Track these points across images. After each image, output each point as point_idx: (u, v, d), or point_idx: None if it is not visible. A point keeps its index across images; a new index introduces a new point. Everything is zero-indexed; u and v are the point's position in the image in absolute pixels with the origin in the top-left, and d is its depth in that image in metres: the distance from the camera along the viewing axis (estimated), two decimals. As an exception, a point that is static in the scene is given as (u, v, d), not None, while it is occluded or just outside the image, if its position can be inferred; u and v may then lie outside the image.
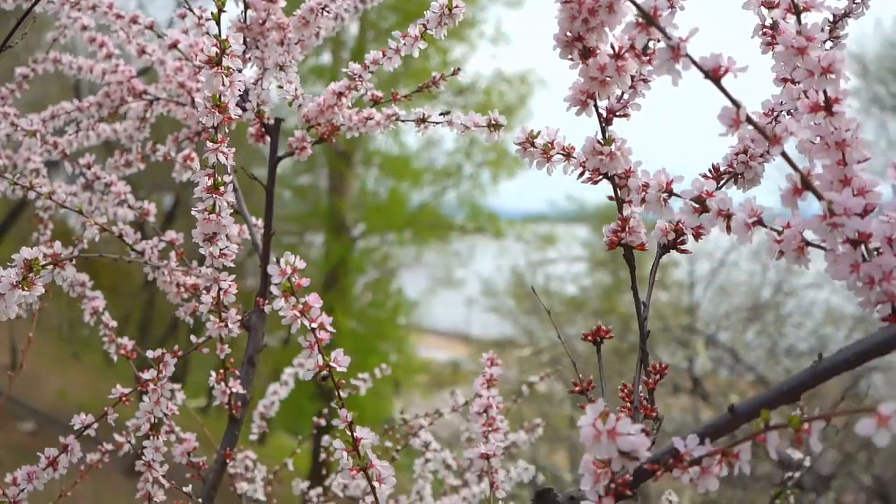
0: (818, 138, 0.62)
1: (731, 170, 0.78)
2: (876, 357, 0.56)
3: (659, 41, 0.60)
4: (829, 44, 0.81)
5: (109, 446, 1.22)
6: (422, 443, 1.42)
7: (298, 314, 0.69)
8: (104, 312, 1.22)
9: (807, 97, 0.62)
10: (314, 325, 0.70)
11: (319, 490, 1.67)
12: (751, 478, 6.24)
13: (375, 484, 0.73)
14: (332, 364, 0.71)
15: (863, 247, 0.60)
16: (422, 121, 1.05)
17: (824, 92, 0.61)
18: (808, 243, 0.62)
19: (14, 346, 8.74)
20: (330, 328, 0.70)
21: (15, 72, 1.41)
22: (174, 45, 1.08)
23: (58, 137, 1.39)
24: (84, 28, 1.27)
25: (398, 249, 12.68)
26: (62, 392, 9.44)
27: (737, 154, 0.78)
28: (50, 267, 0.72)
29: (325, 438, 1.31)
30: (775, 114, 0.79)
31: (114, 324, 1.20)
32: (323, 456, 1.57)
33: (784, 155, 0.58)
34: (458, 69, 1.13)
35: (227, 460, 1.09)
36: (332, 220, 11.71)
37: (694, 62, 0.57)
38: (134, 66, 1.41)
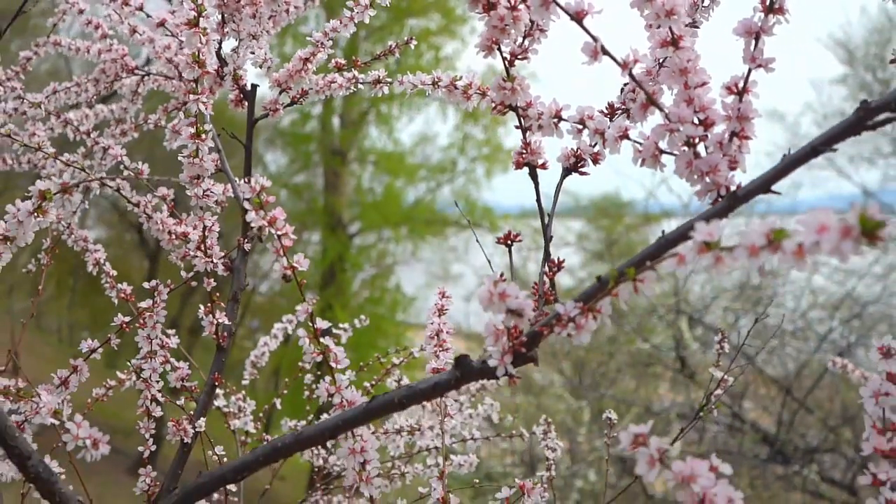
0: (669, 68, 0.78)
1: (623, 105, 0.94)
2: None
3: None
4: (706, 0, 0.97)
5: (113, 382, 1.38)
6: (394, 380, 1.59)
7: (266, 224, 0.85)
8: (105, 263, 1.37)
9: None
10: (280, 233, 0.86)
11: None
12: (738, 455, 6.40)
13: (333, 364, 0.88)
14: (295, 265, 0.87)
15: (702, 149, 0.76)
16: (377, 81, 1.22)
17: (670, 30, 0.77)
18: (662, 151, 0.78)
19: (15, 351, 8.87)
20: (293, 235, 0.86)
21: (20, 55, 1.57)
22: (161, 24, 1.24)
23: (64, 113, 1.56)
24: (81, 12, 1.43)
25: (395, 246, 12.84)
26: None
27: (629, 91, 0.93)
28: (60, 194, 0.88)
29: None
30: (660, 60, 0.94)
31: (114, 273, 1.36)
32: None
33: (632, 77, 0.74)
34: (411, 38, 1.29)
35: (216, 384, 1.24)
36: (329, 217, 11.87)
37: (560, 6, 0.73)
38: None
